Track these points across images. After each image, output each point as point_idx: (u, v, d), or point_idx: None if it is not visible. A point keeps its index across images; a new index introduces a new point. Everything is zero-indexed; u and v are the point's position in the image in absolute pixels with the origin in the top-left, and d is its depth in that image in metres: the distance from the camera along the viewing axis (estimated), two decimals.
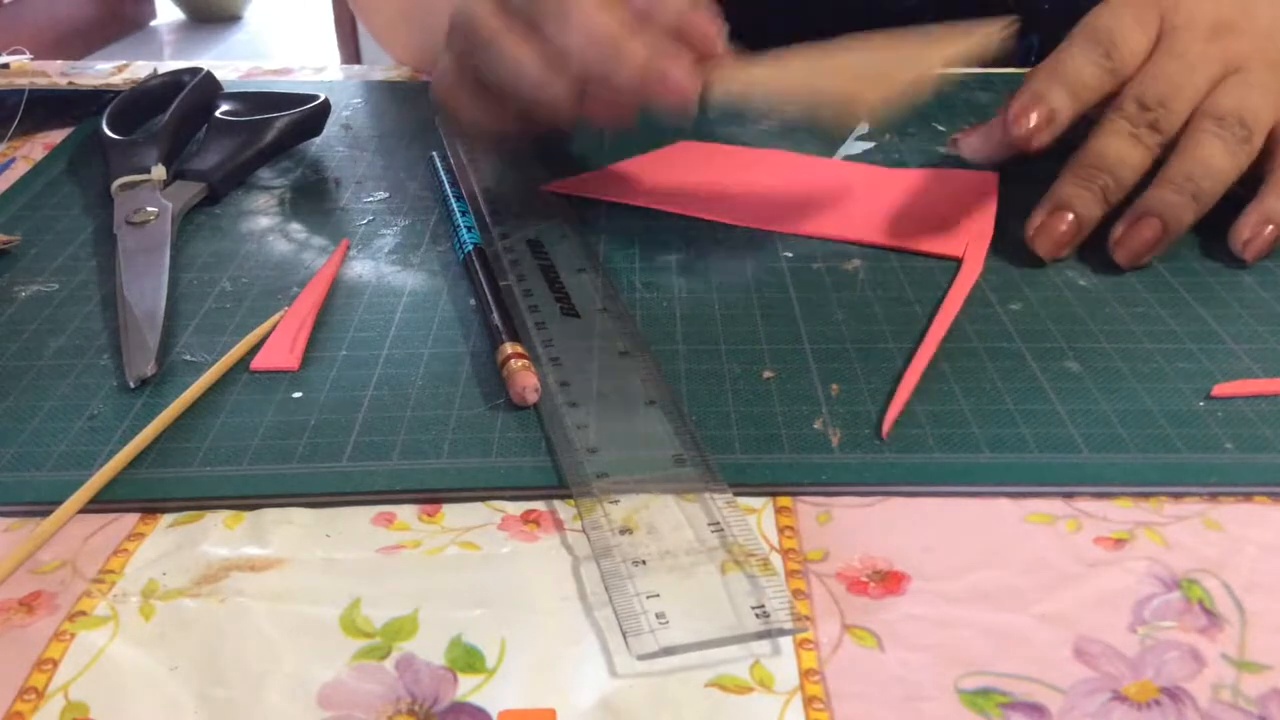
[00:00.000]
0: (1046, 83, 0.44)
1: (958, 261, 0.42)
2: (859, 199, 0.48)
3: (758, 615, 0.26)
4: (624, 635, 0.26)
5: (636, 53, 0.40)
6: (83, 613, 0.27)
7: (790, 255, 0.44)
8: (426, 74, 0.67)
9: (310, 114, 0.55)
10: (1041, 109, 0.43)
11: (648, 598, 0.27)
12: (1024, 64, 0.70)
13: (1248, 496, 0.31)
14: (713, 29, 0.42)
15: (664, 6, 0.41)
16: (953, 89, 0.61)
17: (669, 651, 0.25)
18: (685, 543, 0.29)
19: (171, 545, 0.29)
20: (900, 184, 0.49)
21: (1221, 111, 0.42)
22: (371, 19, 0.72)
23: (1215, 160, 0.42)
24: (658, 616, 0.26)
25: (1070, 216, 0.42)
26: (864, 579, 0.28)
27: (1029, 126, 0.43)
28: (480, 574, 0.28)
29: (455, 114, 0.47)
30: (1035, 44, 0.70)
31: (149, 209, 0.46)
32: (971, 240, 0.44)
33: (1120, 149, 0.43)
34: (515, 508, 0.31)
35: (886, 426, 0.33)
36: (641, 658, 0.25)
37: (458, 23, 0.44)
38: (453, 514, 0.31)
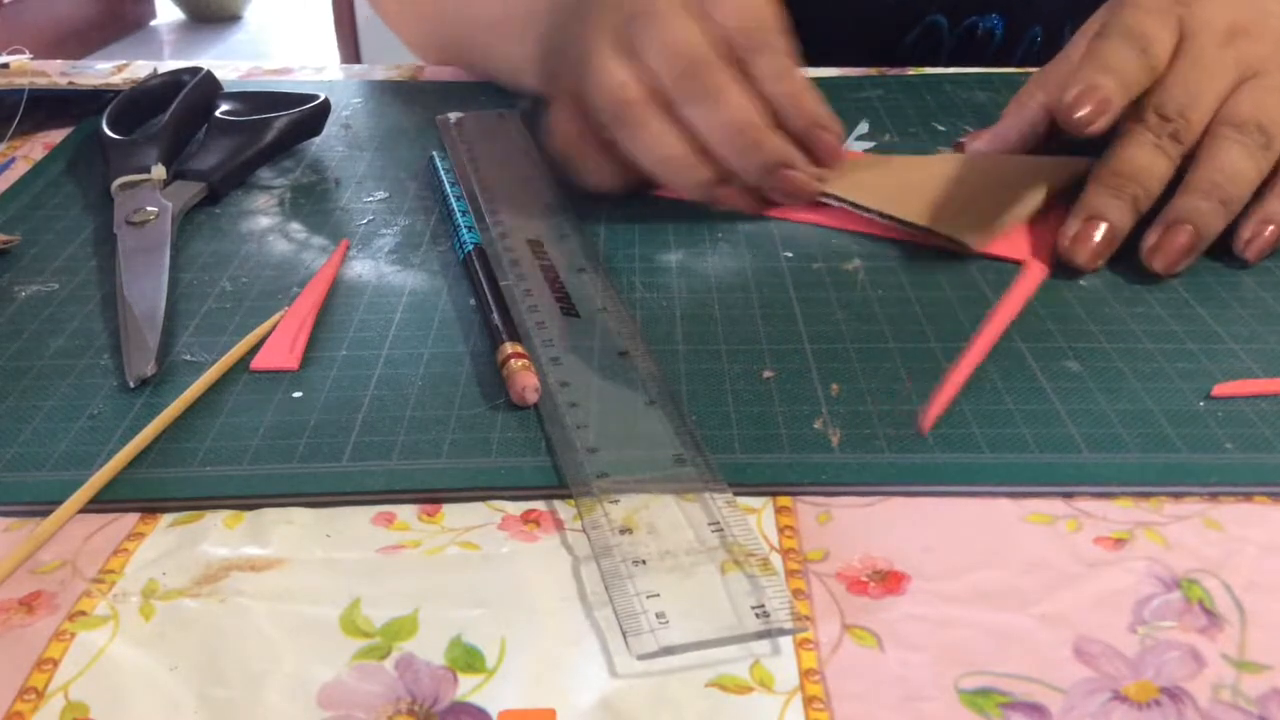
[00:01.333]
0: (1098, 73, 0.44)
1: (1017, 264, 0.42)
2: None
3: (758, 615, 0.26)
4: (624, 635, 0.26)
5: (773, 148, 0.43)
6: (83, 613, 0.27)
7: (790, 255, 0.44)
8: (441, 67, 0.66)
9: (310, 114, 0.55)
10: (1097, 96, 0.43)
11: (648, 597, 0.27)
12: (1025, 58, 0.70)
13: (1248, 496, 0.31)
14: (839, 147, 0.45)
15: (800, 111, 0.44)
16: (952, 88, 0.61)
17: (669, 651, 0.25)
18: (685, 543, 0.29)
19: (171, 545, 0.29)
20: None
21: (1240, 118, 0.42)
22: (385, 6, 0.72)
23: (1238, 166, 0.42)
24: (658, 616, 0.26)
25: (1104, 226, 0.42)
26: (864, 579, 0.28)
27: (1086, 112, 0.43)
28: (480, 574, 0.28)
29: (580, 171, 0.47)
30: (1039, 34, 0.70)
31: (149, 209, 0.46)
32: (1037, 244, 0.43)
33: (1146, 159, 0.42)
34: (515, 508, 0.31)
35: (928, 423, 0.33)
36: (641, 658, 0.25)
37: (597, 91, 0.44)
38: (453, 514, 0.31)
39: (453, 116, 0.56)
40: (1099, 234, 0.42)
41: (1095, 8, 0.50)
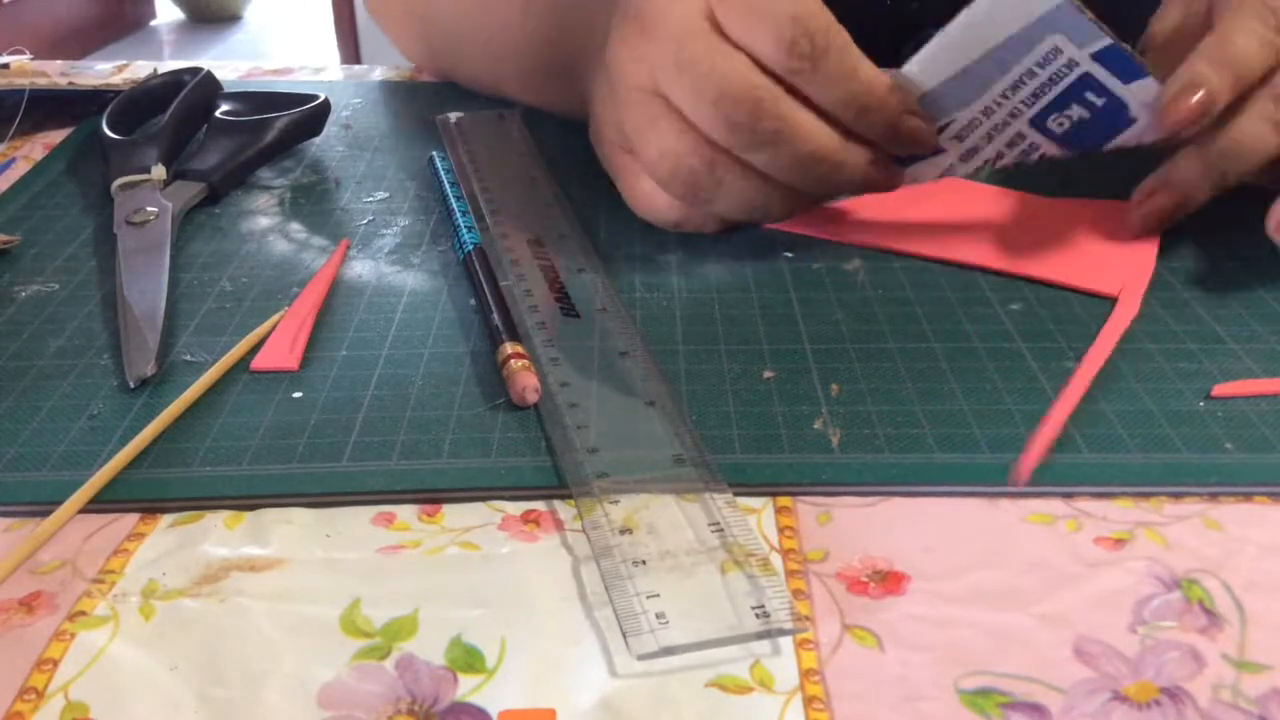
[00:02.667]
0: (1209, 66, 0.41)
1: (1111, 300, 0.40)
2: (1015, 229, 0.45)
3: (758, 615, 0.26)
4: (624, 635, 0.26)
5: (855, 165, 0.40)
6: (83, 613, 0.27)
7: (790, 255, 0.44)
8: (436, 78, 0.66)
9: (310, 114, 0.55)
10: (1201, 96, 0.40)
11: (648, 598, 0.27)
12: None
13: (1248, 496, 0.31)
14: (932, 130, 0.41)
15: (878, 109, 0.40)
16: None
17: (669, 651, 0.25)
18: (685, 543, 0.29)
19: (171, 545, 0.29)
20: (1060, 215, 0.46)
21: None
22: (381, 16, 0.72)
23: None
24: (658, 616, 0.26)
25: (1203, 92, 0.40)
26: (864, 579, 0.28)
27: (1185, 113, 0.40)
28: (480, 574, 0.28)
29: (685, 229, 0.44)
30: None
31: (149, 209, 0.46)
32: (1129, 280, 0.41)
33: (1264, 135, 0.41)
34: (515, 508, 0.31)
35: (1025, 473, 0.31)
36: (641, 658, 0.25)
37: (657, 169, 0.41)
38: (453, 514, 0.31)
39: (452, 116, 0.56)
40: (1197, 98, 0.40)
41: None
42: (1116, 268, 0.42)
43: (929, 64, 0.42)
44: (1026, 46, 0.42)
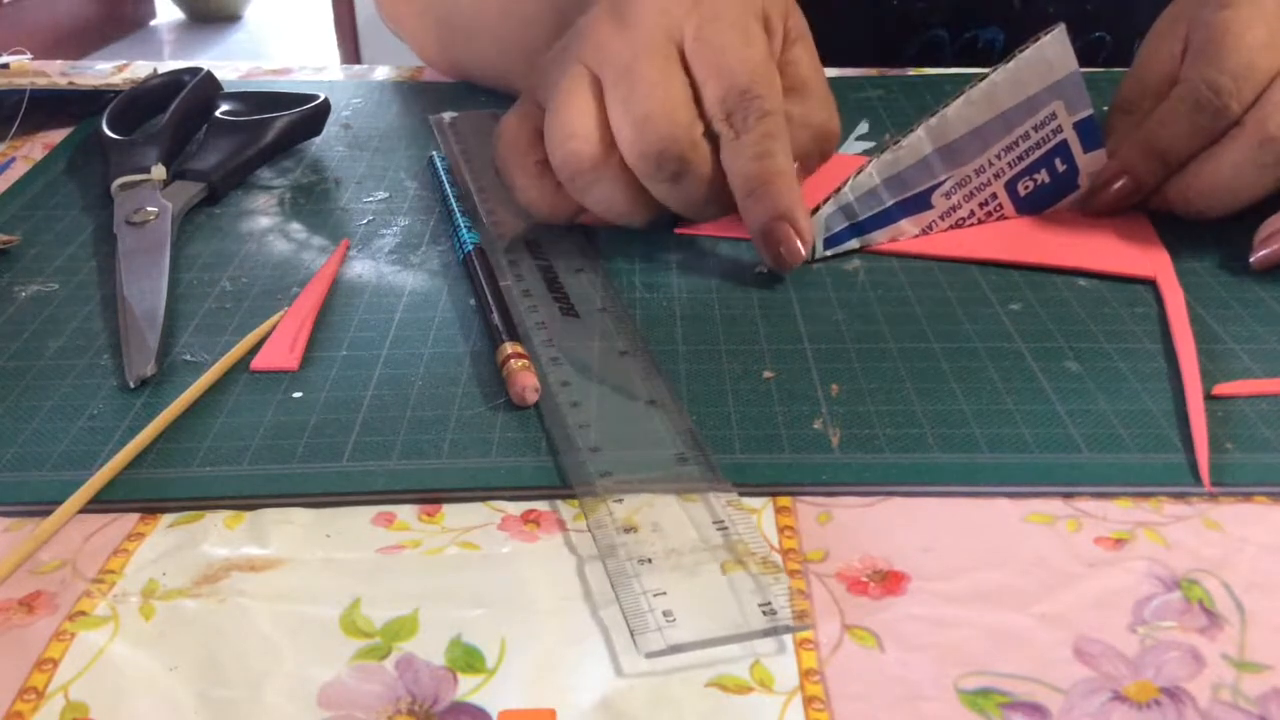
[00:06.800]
0: (1139, 154, 0.43)
1: (1150, 283, 0.41)
2: (1028, 229, 0.45)
3: (764, 613, 0.26)
4: (631, 633, 0.26)
5: (755, 218, 0.40)
6: (83, 613, 0.27)
7: None
8: (444, 74, 0.66)
9: (310, 114, 0.55)
10: (1124, 184, 0.44)
11: (654, 596, 0.27)
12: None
13: (1248, 496, 0.31)
14: (798, 251, 0.40)
15: (766, 198, 0.40)
16: (953, 89, 0.61)
17: (677, 649, 0.25)
18: (690, 541, 0.29)
19: (171, 545, 0.29)
20: (1067, 221, 0.46)
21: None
22: (397, 10, 0.71)
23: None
24: (665, 614, 0.26)
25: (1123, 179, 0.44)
26: (864, 579, 0.28)
27: (1110, 198, 0.44)
28: (480, 574, 0.28)
29: (513, 188, 0.43)
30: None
31: (149, 209, 0.46)
32: (1157, 264, 0.42)
33: (1244, 175, 0.42)
34: (515, 508, 0.31)
35: (1206, 475, 0.31)
36: (649, 655, 0.25)
37: (550, 132, 0.41)
38: (453, 514, 0.31)
39: (447, 116, 0.56)
40: (1119, 185, 0.43)
41: (1098, 22, 0.49)
42: (1138, 254, 0.43)
43: (954, 120, 0.43)
44: (1031, 111, 0.44)
